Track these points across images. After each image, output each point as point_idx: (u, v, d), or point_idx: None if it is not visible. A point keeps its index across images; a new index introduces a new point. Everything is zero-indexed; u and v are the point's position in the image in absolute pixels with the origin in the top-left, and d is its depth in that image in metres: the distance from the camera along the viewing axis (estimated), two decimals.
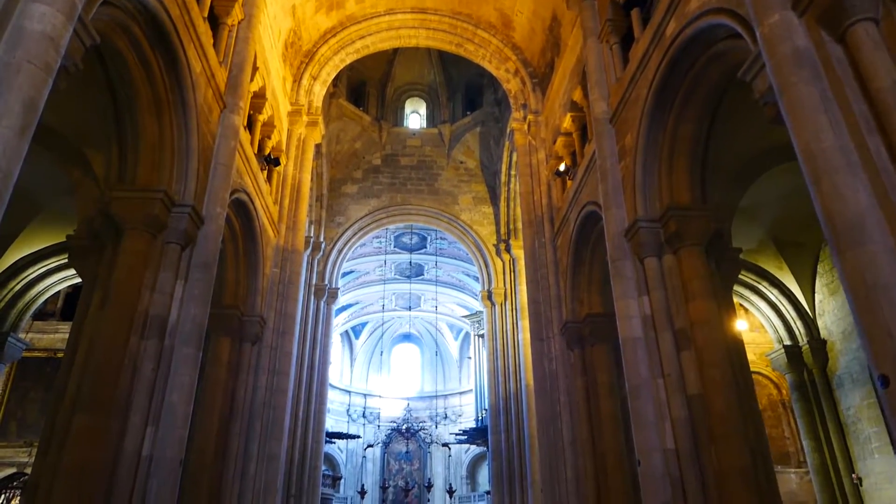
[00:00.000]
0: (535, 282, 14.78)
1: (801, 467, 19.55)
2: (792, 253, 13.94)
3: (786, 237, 13.91)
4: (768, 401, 21.33)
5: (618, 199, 10.24)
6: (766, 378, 21.35)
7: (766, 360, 21.58)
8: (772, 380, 21.20)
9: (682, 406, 8.44)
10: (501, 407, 20.78)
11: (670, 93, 9.16)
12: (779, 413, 20.99)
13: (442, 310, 30.74)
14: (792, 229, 13.69)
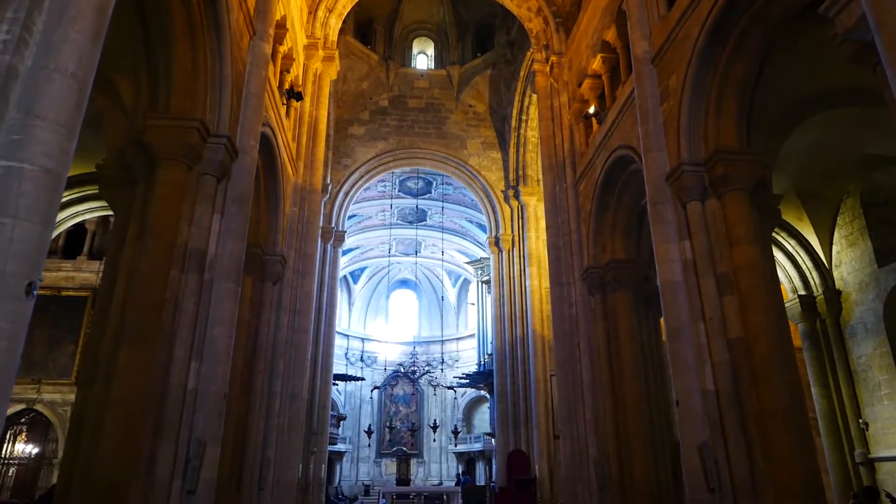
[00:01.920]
0: (556, 227, 14.69)
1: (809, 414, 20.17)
2: (813, 204, 13.96)
3: (808, 189, 13.88)
4: None
5: (659, 142, 10.04)
6: None
7: None
8: None
9: (724, 349, 8.50)
10: (507, 351, 21.05)
11: (725, 32, 8.86)
12: None
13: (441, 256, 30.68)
14: (815, 181, 13.65)
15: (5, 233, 3.61)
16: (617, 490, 11.93)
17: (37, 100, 3.95)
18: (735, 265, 8.73)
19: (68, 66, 4.13)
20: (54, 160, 3.97)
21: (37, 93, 3.97)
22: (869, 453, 13.15)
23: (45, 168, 3.89)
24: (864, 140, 12.26)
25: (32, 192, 3.78)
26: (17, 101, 3.92)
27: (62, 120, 4.04)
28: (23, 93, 3.95)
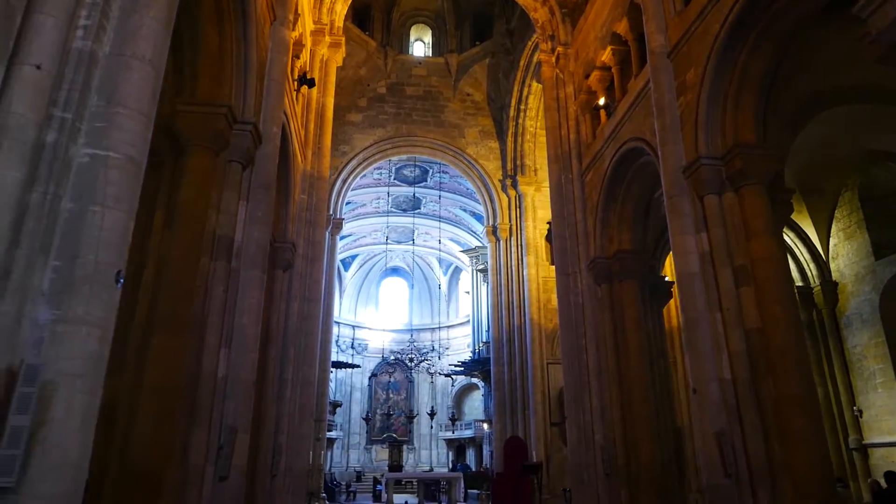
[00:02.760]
0: (562, 217, 14.84)
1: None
2: (812, 198, 14.31)
3: (808, 183, 14.21)
4: None
5: (675, 136, 10.20)
6: None
7: None
8: None
9: (741, 339, 8.73)
10: (505, 339, 21.26)
11: (746, 28, 9.01)
12: None
13: (435, 244, 30.75)
14: (816, 176, 13.98)
15: (95, 221, 3.61)
16: (623, 476, 12.21)
17: (118, 87, 3.93)
18: (752, 257, 8.95)
19: (145, 53, 4.11)
20: (136, 149, 3.96)
21: (117, 80, 3.95)
22: (862, 439, 13.65)
23: (129, 156, 3.89)
24: (866, 136, 12.59)
25: (118, 180, 3.78)
26: (98, 88, 3.90)
27: (142, 108, 4.03)
28: (103, 79, 3.92)
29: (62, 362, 3.32)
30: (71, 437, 3.31)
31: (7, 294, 3.24)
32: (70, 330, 3.39)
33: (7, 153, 3.31)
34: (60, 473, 3.25)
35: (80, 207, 3.60)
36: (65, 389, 3.31)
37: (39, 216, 3.45)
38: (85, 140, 3.74)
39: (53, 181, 3.54)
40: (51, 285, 3.44)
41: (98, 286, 3.55)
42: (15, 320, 3.26)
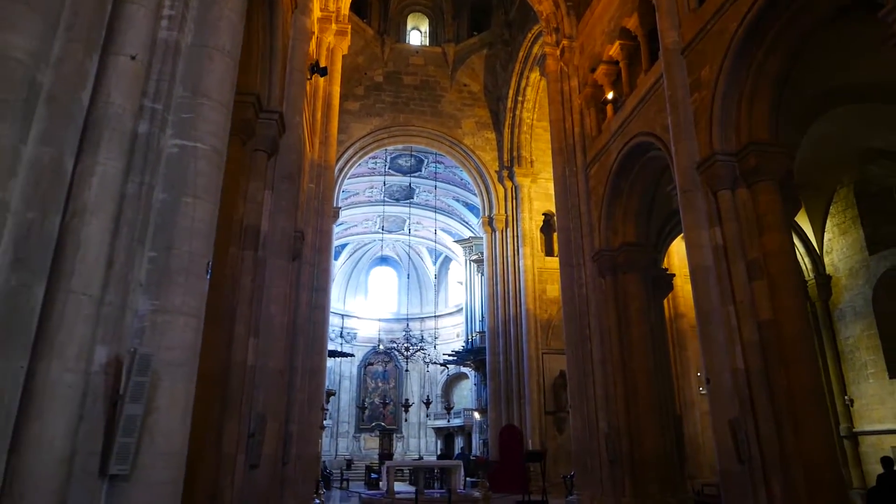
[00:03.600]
0: (566, 209, 15.04)
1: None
2: (808, 194, 14.67)
3: (804, 179, 14.53)
4: None
5: (689, 132, 10.40)
6: None
7: None
8: None
9: (754, 331, 9.01)
10: (500, 330, 21.47)
11: (764, 28, 9.21)
12: None
13: (427, 234, 30.81)
14: (813, 172, 14.32)
15: (188, 212, 3.64)
16: (627, 463, 12.52)
17: (201, 78, 3.95)
18: (765, 251, 9.21)
19: (225, 45, 4.12)
20: (219, 139, 3.99)
21: (200, 71, 3.96)
22: (853, 428, 14.17)
23: (214, 147, 3.91)
24: (864, 134, 12.96)
25: (206, 170, 3.81)
26: (183, 79, 3.91)
27: (223, 99, 4.06)
28: (187, 70, 3.93)
29: (164, 352, 3.37)
30: (174, 425, 3.36)
31: (111, 284, 3.26)
32: (169, 320, 3.43)
33: (108, 143, 3.33)
34: (167, 461, 3.30)
35: (172, 198, 3.63)
36: (167, 379, 3.35)
37: (136, 207, 3.47)
38: (173, 131, 3.76)
39: (148, 172, 3.56)
40: (148, 276, 3.47)
41: (192, 277, 3.59)
42: (119, 310, 3.29)
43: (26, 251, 3.00)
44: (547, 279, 21.58)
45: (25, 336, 2.94)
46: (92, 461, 3.06)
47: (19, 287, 2.94)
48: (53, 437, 2.86)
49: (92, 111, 3.36)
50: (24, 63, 3.07)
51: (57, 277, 3.05)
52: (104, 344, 3.18)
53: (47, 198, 3.12)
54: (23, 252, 2.99)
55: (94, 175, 3.23)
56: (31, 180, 3.09)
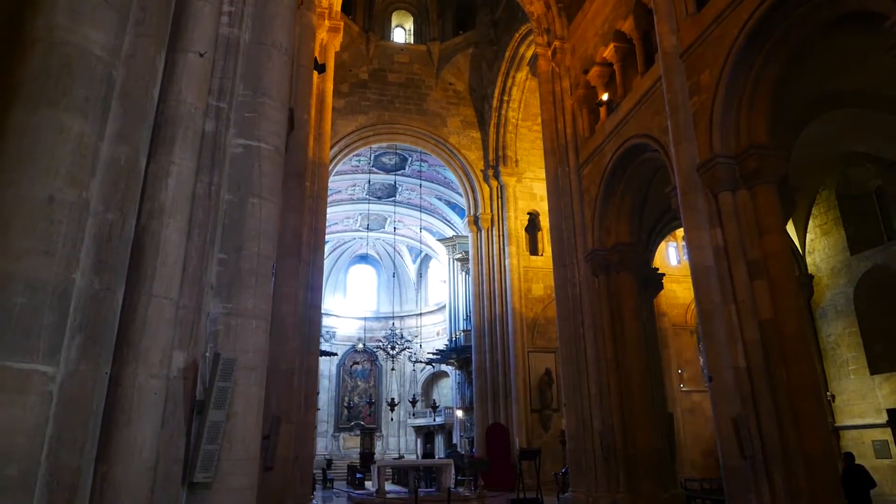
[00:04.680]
0: (559, 209, 15.18)
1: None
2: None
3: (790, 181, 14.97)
4: None
5: (689, 134, 10.59)
6: None
7: None
8: None
9: (755, 329, 9.25)
10: (486, 328, 21.56)
11: (765, 34, 9.44)
12: None
13: (408, 232, 30.75)
14: (797, 174, 14.68)
15: (255, 213, 3.58)
16: (622, 460, 12.72)
17: (261, 76, 3.88)
18: (765, 252, 9.45)
19: (282, 42, 4.06)
20: (281, 140, 3.93)
21: (260, 69, 3.89)
22: (835, 423, 14.66)
23: (276, 147, 3.85)
24: (848, 139, 13.39)
25: (270, 171, 3.75)
26: (243, 77, 3.84)
27: (282, 98, 4.00)
28: (247, 68, 3.86)
29: (238, 356, 3.30)
30: (250, 429, 3.31)
31: (185, 287, 3.19)
32: (242, 323, 3.37)
33: (182, 142, 3.25)
34: (244, 467, 3.25)
35: (239, 199, 3.56)
36: (242, 383, 3.29)
37: (206, 208, 3.40)
38: (236, 130, 3.69)
39: (216, 172, 3.49)
40: (218, 278, 3.40)
41: (262, 278, 3.53)
42: (194, 313, 3.23)
43: (108, 253, 2.92)
44: (532, 278, 21.76)
45: (109, 341, 2.85)
46: (175, 469, 3.00)
47: (103, 291, 2.86)
48: (142, 445, 2.79)
49: (163, 109, 3.28)
50: (103, 59, 2.98)
51: (137, 281, 2.97)
52: (181, 348, 3.11)
53: (126, 198, 3.04)
54: (105, 254, 2.91)
55: (170, 175, 3.16)
56: (110, 180, 3.00)
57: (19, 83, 2.72)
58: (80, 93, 2.81)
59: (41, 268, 2.56)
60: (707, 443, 21.70)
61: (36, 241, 2.57)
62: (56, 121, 2.71)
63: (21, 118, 2.66)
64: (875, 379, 13.90)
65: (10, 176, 2.57)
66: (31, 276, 2.53)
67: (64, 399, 2.64)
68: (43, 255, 2.57)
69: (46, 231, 2.61)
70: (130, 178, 3.04)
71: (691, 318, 23.24)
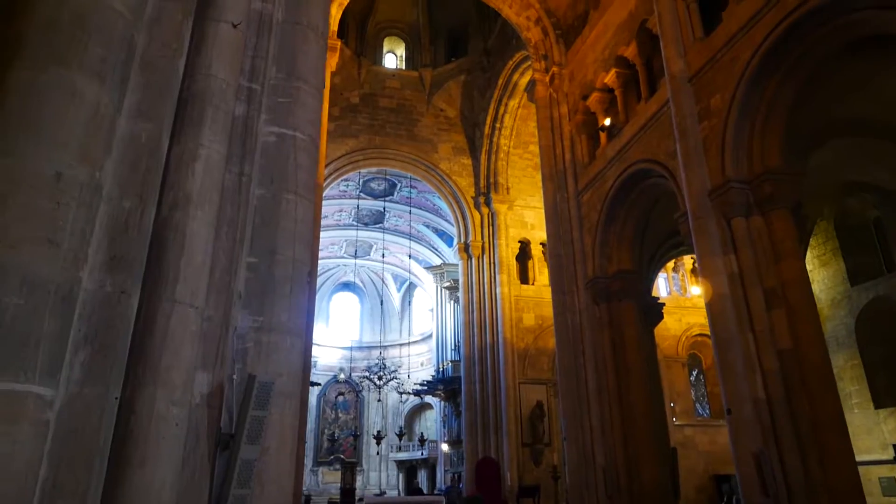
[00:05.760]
0: (557, 236, 14.83)
1: None
2: None
3: None
4: (712, 361, 23.22)
5: (699, 159, 10.37)
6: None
7: None
8: None
9: (774, 359, 8.87)
10: (476, 358, 20.96)
11: (779, 58, 9.30)
12: None
13: (393, 260, 30.19)
14: None
15: (290, 211, 3.08)
16: (626, 496, 12.14)
17: (296, 59, 3.42)
18: (783, 279, 9.14)
19: (318, 24, 3.61)
20: (317, 130, 3.45)
21: (295, 51, 3.43)
22: None
23: (312, 138, 3.37)
24: (846, 168, 13.33)
25: (306, 164, 3.26)
26: (276, 58, 3.36)
27: (319, 84, 3.54)
28: (280, 49, 3.39)
29: (272, 379, 2.75)
30: (285, 468, 2.75)
31: (211, 295, 2.65)
32: (275, 340, 2.83)
33: (212, 123, 2.75)
34: None
35: (272, 194, 3.05)
36: (276, 413, 2.74)
37: (235, 202, 2.88)
38: (268, 116, 3.20)
39: (247, 161, 2.98)
40: (248, 286, 2.86)
41: (297, 288, 3.01)
42: (221, 326, 2.67)
43: (123, 248, 2.38)
44: (523, 307, 21.31)
45: (121, 357, 2.29)
46: None
47: (115, 294, 2.31)
48: (160, 490, 2.21)
49: (189, 85, 2.78)
50: (124, 17, 2.49)
51: (157, 283, 2.42)
52: (205, 369, 2.56)
53: (146, 184, 2.52)
54: (119, 249, 2.37)
55: (198, 160, 2.64)
56: (128, 161, 2.48)
57: (22, 36, 2.20)
58: (96, 52, 2.30)
59: (43, 261, 2.02)
60: (700, 478, 21.23)
61: (38, 227, 2.02)
62: (67, 83, 2.19)
63: (23, 76, 2.14)
64: (880, 413, 13.62)
65: (9, 144, 2.04)
66: (29, 270, 1.97)
67: (63, 431, 2.06)
68: (46, 244, 2.03)
69: (51, 215, 2.07)
70: (151, 160, 2.53)
71: (683, 350, 22.99)
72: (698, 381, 23.40)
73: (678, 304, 22.76)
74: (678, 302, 22.99)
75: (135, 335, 2.34)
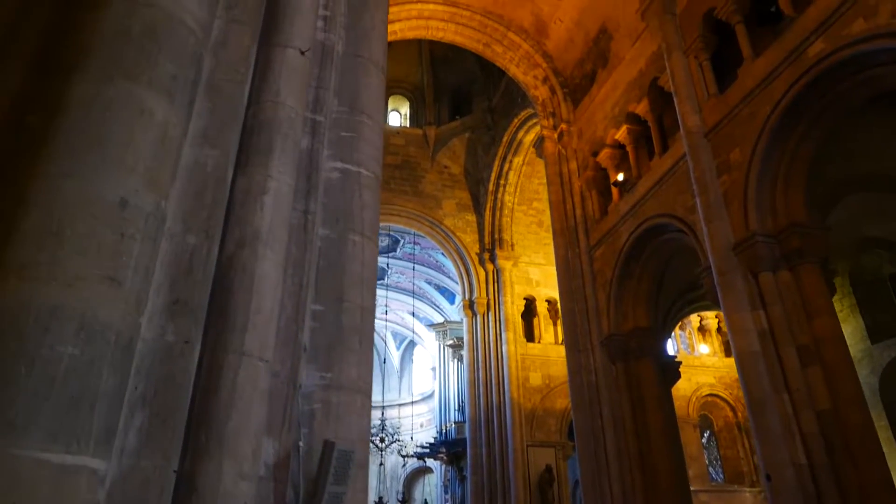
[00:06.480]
0: (570, 292, 14.52)
1: (755, 486, 20.81)
2: None
3: None
4: (724, 422, 22.58)
5: (720, 213, 10.21)
6: (723, 400, 22.62)
7: (723, 383, 22.94)
8: (728, 402, 22.48)
9: (813, 421, 8.43)
10: (482, 419, 20.20)
11: (800, 112, 9.31)
12: (734, 434, 22.26)
13: (393, 317, 29.67)
14: None
15: (356, 254, 2.76)
16: None
17: (359, 92, 3.18)
18: (816, 336, 8.81)
19: (379, 59, 3.40)
20: (380, 167, 3.17)
21: (357, 84, 3.20)
22: None
23: (376, 175, 3.09)
24: (863, 223, 13.25)
25: (371, 203, 2.98)
26: (338, 91, 3.12)
27: (380, 119, 3.28)
28: (341, 81, 3.16)
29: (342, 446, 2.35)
30: None
31: (277, 347, 2.29)
32: (346, 401, 2.46)
33: (281, 153, 2.46)
34: None
35: (337, 235, 2.74)
36: (349, 490, 2.32)
37: (300, 242, 2.56)
38: (330, 151, 2.92)
39: (312, 198, 2.68)
40: (312, 337, 2.50)
41: (366, 340, 2.65)
42: (288, 384, 2.30)
43: (187, 291, 2.04)
44: (529, 366, 20.74)
45: (180, 421, 1.91)
46: None
47: (178, 344, 1.96)
48: None
49: (256, 112, 2.52)
50: (195, 34, 2.24)
51: (223, 332, 2.07)
52: (272, 434, 2.17)
53: (212, 218, 2.20)
54: (183, 292, 2.03)
55: (267, 193, 2.34)
56: (192, 191, 2.18)
57: (85, 46, 1.94)
58: (166, 68, 2.04)
59: (104, 303, 1.68)
60: None
61: (99, 262, 1.70)
62: (136, 99, 1.92)
63: (86, 89, 1.86)
64: None
65: (69, 164, 1.73)
66: (88, 313, 1.63)
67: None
68: (107, 283, 1.70)
69: (114, 248, 1.74)
70: (218, 192, 2.23)
71: (693, 412, 22.31)
72: (710, 444, 22.63)
73: (687, 362, 22.15)
74: (686, 361, 22.40)
75: (195, 394, 1.97)
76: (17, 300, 1.57)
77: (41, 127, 1.86)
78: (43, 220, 1.67)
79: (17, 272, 1.60)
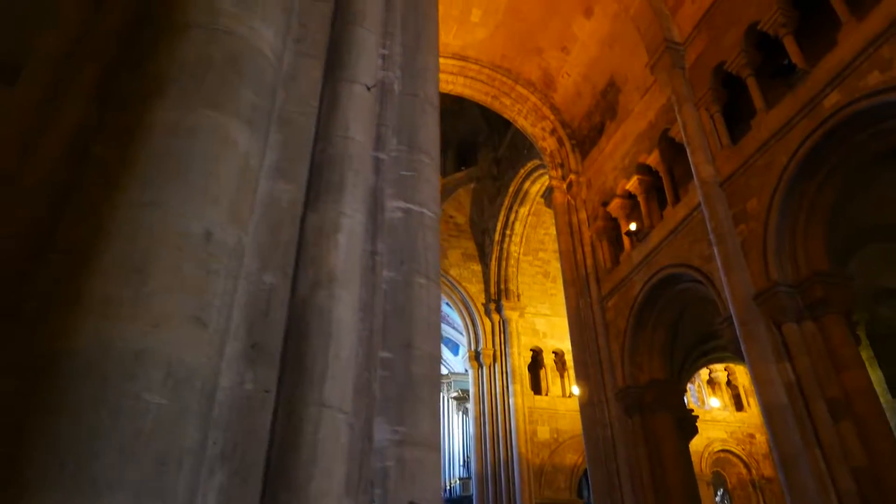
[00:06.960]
0: (583, 344, 14.26)
1: None
2: None
3: None
4: (738, 479, 21.87)
5: (739, 262, 10.11)
6: (736, 457, 21.98)
7: (735, 438, 22.35)
8: (741, 458, 21.84)
9: (849, 478, 8.09)
10: (489, 475, 19.52)
11: (818, 161, 9.33)
12: (748, 492, 21.53)
13: None
14: None
15: (422, 298, 2.58)
16: None
17: (417, 131, 3.08)
18: (846, 389, 8.56)
19: (434, 99, 3.32)
20: (439, 208, 3.03)
21: (415, 123, 3.10)
22: None
23: (437, 215, 2.95)
24: (877, 274, 13.15)
25: (433, 244, 2.82)
26: (397, 130, 3.02)
27: (437, 160, 3.16)
28: (399, 120, 3.06)
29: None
30: None
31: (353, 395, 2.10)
32: (419, 457, 2.24)
33: (353, 190, 2.34)
34: None
35: (403, 278, 2.57)
36: None
37: (368, 284, 2.40)
38: (393, 190, 2.79)
39: (380, 238, 2.54)
40: (382, 386, 2.31)
41: (434, 390, 2.45)
42: (363, 439, 2.10)
43: (265, 335, 1.87)
44: (537, 420, 20.24)
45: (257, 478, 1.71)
46: None
47: (258, 394, 1.78)
48: None
49: (325, 147, 2.40)
50: (273, 65, 2.15)
51: (300, 381, 1.89)
52: (349, 495, 1.96)
53: (287, 256, 2.05)
54: (260, 335, 1.86)
55: (341, 231, 2.20)
56: (267, 226, 2.04)
57: (164, 75, 1.84)
58: (247, 97, 1.94)
59: (190, 345, 1.52)
60: None
61: (185, 300, 1.54)
62: (220, 127, 1.80)
63: (167, 116, 1.75)
64: None
65: (154, 192, 1.60)
66: (175, 358, 1.47)
67: None
68: (193, 323, 1.53)
69: (200, 285, 1.59)
70: (293, 229, 2.08)
71: (706, 468, 21.61)
72: (724, 502, 21.86)
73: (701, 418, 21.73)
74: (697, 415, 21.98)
75: (273, 448, 1.78)
76: (99, 341, 1.40)
77: (113, 156, 1.73)
78: (126, 253, 1.52)
79: (98, 310, 1.44)
